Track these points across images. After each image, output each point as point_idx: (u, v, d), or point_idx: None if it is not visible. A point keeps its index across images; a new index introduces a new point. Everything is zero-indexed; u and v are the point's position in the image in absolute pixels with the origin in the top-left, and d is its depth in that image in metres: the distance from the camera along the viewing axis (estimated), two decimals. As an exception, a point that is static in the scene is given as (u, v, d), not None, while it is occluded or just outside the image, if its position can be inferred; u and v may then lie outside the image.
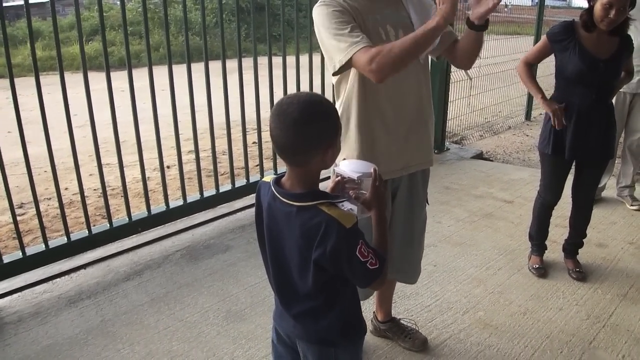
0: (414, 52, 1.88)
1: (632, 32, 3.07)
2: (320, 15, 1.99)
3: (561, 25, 3.02)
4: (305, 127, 1.39)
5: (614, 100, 4.03)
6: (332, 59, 1.98)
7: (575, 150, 3.06)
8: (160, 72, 3.58)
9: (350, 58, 1.90)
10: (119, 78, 3.57)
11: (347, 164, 1.62)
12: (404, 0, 2.16)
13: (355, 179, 1.58)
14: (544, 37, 3.13)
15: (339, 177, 1.59)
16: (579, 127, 3.01)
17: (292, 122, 1.38)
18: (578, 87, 2.99)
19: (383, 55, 1.83)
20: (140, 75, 3.54)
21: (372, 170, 1.55)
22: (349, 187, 1.58)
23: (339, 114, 2.08)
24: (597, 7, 2.82)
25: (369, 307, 2.77)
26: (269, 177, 1.57)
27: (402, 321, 2.73)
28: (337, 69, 1.98)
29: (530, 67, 3.22)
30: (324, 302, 1.53)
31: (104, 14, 3.34)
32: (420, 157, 2.28)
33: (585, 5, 2.98)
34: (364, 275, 1.44)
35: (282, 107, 1.42)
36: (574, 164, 3.22)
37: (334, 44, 1.95)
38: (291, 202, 1.45)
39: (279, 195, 1.48)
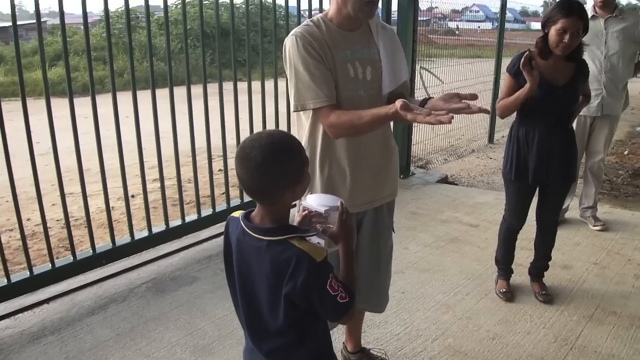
0: (367, 130, 2.02)
1: (586, 57, 3.17)
2: (292, 52, 2.01)
3: (516, 57, 3.06)
4: (270, 170, 1.40)
5: (574, 124, 4.14)
6: (294, 98, 2.01)
7: (538, 174, 3.12)
8: (124, 99, 3.52)
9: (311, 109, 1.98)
10: (82, 104, 3.51)
11: (314, 197, 1.62)
12: (375, 37, 2.17)
13: (323, 212, 1.58)
14: (506, 75, 3.16)
15: (306, 211, 1.59)
16: (540, 152, 3.07)
17: (256, 167, 1.40)
18: (538, 113, 3.06)
19: (339, 126, 1.96)
20: (104, 102, 3.49)
21: (338, 204, 1.56)
22: (315, 221, 1.58)
23: (304, 143, 2.09)
24: (552, 33, 2.91)
25: (338, 338, 2.75)
26: (238, 212, 1.56)
27: (372, 351, 2.71)
28: (297, 110, 2.05)
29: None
30: (295, 338, 1.51)
31: (68, 38, 3.29)
32: (386, 191, 2.30)
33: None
34: (334, 309, 1.44)
35: (245, 151, 1.43)
36: (537, 187, 3.28)
37: (300, 87, 1.99)
38: (261, 237, 1.45)
39: (248, 230, 1.48)
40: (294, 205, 1.69)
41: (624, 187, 6.18)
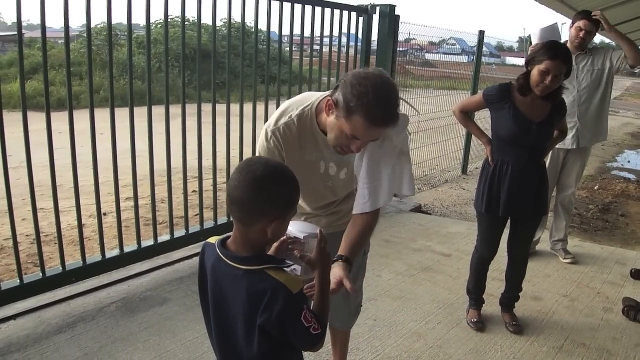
0: None
1: (564, 92, 3.22)
2: (259, 141, 2.06)
3: (497, 88, 3.13)
4: (263, 187, 1.41)
5: (548, 157, 4.22)
6: None
7: (508, 207, 3.16)
8: (100, 116, 3.49)
9: None
10: (58, 119, 3.46)
11: (292, 224, 1.63)
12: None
13: (302, 238, 1.58)
14: (480, 93, 3.24)
15: (284, 237, 1.59)
16: (512, 185, 3.12)
17: (252, 178, 1.41)
18: (512, 147, 3.11)
19: None
20: (79, 117, 3.45)
21: (317, 232, 1.57)
22: (292, 247, 1.59)
23: None
24: (534, 72, 2.94)
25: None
26: (213, 239, 1.55)
27: None
28: None
29: (467, 114, 3.37)
30: None
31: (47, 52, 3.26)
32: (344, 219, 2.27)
33: (519, 63, 3.12)
34: (307, 340, 1.44)
35: (249, 163, 1.45)
36: (509, 219, 3.32)
37: None
38: (237, 265, 1.44)
39: (224, 258, 1.46)
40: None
41: (594, 222, 6.29)
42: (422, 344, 3.17)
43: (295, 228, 1.62)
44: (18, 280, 3.28)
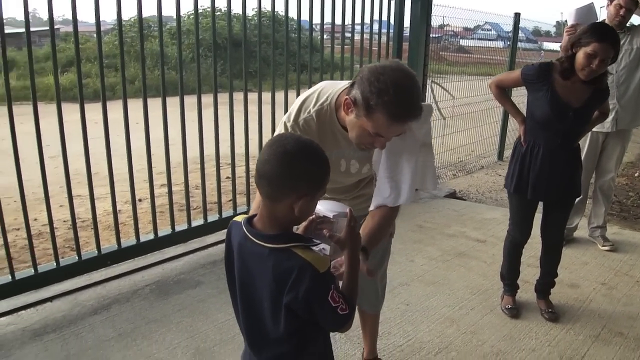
0: None
1: None
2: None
3: (536, 68, 3.00)
4: (292, 161, 1.38)
5: (586, 142, 4.12)
6: None
7: (537, 190, 3.08)
8: (135, 106, 3.55)
9: None
10: (94, 110, 3.54)
11: (322, 203, 1.61)
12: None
13: (331, 217, 1.57)
14: (519, 71, 3.11)
15: (314, 215, 1.58)
16: (542, 168, 3.04)
17: (282, 152, 1.39)
18: (545, 130, 3.02)
19: None
20: (115, 108, 3.51)
21: (347, 211, 1.54)
22: (322, 227, 1.57)
23: None
24: (580, 55, 2.81)
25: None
26: (240, 217, 1.53)
27: None
28: None
29: (504, 89, 3.27)
30: (295, 347, 1.49)
31: (81, 45, 3.33)
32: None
33: (556, 48, 3.01)
34: (334, 320, 1.42)
35: (280, 137, 1.45)
36: (542, 203, 3.24)
37: None
38: (263, 244, 1.42)
39: (250, 236, 1.45)
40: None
41: (634, 209, 6.13)
42: (455, 330, 3.14)
43: (325, 207, 1.60)
44: (55, 263, 3.36)
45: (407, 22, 5.54)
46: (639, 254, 4.37)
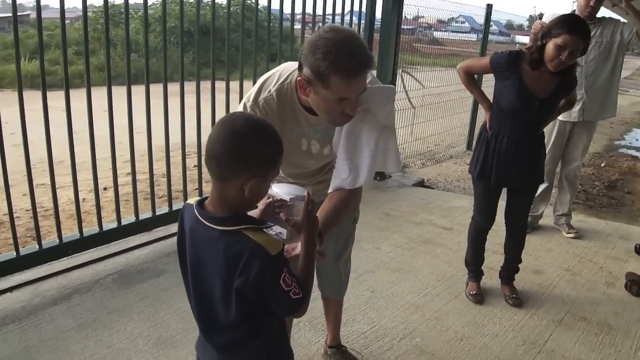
0: None
1: None
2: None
3: (505, 56, 3.00)
4: (241, 140, 1.34)
5: (554, 132, 4.15)
6: None
7: (501, 176, 3.10)
8: (104, 93, 3.48)
9: None
10: (61, 97, 3.46)
11: (279, 186, 1.59)
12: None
13: (288, 200, 1.54)
14: (488, 58, 3.11)
15: (270, 199, 1.55)
16: (507, 155, 3.06)
17: (232, 131, 1.35)
18: (510, 119, 3.04)
19: None
20: (83, 95, 3.44)
21: (305, 194, 1.51)
22: (279, 210, 1.55)
23: None
24: (550, 47, 2.81)
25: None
26: (193, 199, 1.49)
27: (348, 350, 2.69)
28: None
29: (472, 75, 3.26)
30: (248, 332, 1.46)
31: (50, 32, 3.26)
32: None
33: (526, 41, 2.99)
34: (287, 304, 1.39)
35: (230, 116, 1.41)
36: (506, 189, 3.27)
37: None
38: (214, 226, 1.38)
39: (201, 218, 1.41)
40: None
41: (599, 198, 6.23)
42: (420, 316, 3.15)
43: (282, 190, 1.58)
44: (15, 253, 3.28)
45: (379, 14, 5.54)
46: (603, 241, 4.45)
